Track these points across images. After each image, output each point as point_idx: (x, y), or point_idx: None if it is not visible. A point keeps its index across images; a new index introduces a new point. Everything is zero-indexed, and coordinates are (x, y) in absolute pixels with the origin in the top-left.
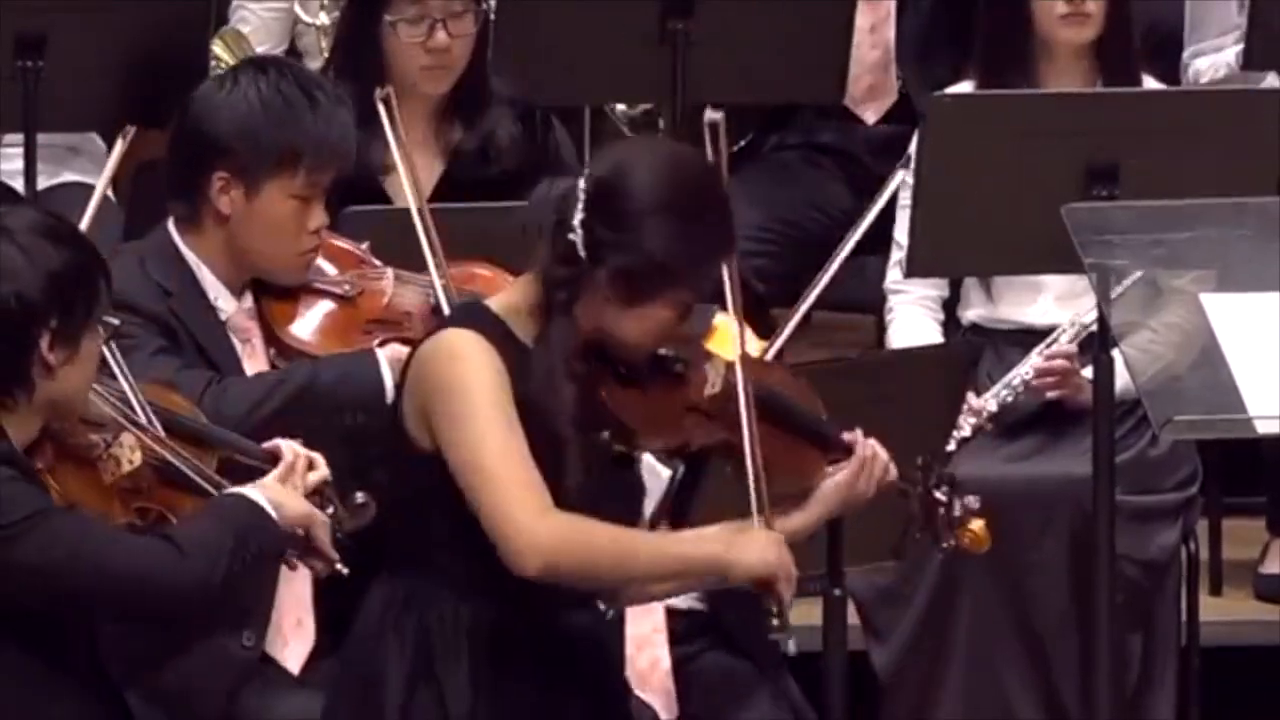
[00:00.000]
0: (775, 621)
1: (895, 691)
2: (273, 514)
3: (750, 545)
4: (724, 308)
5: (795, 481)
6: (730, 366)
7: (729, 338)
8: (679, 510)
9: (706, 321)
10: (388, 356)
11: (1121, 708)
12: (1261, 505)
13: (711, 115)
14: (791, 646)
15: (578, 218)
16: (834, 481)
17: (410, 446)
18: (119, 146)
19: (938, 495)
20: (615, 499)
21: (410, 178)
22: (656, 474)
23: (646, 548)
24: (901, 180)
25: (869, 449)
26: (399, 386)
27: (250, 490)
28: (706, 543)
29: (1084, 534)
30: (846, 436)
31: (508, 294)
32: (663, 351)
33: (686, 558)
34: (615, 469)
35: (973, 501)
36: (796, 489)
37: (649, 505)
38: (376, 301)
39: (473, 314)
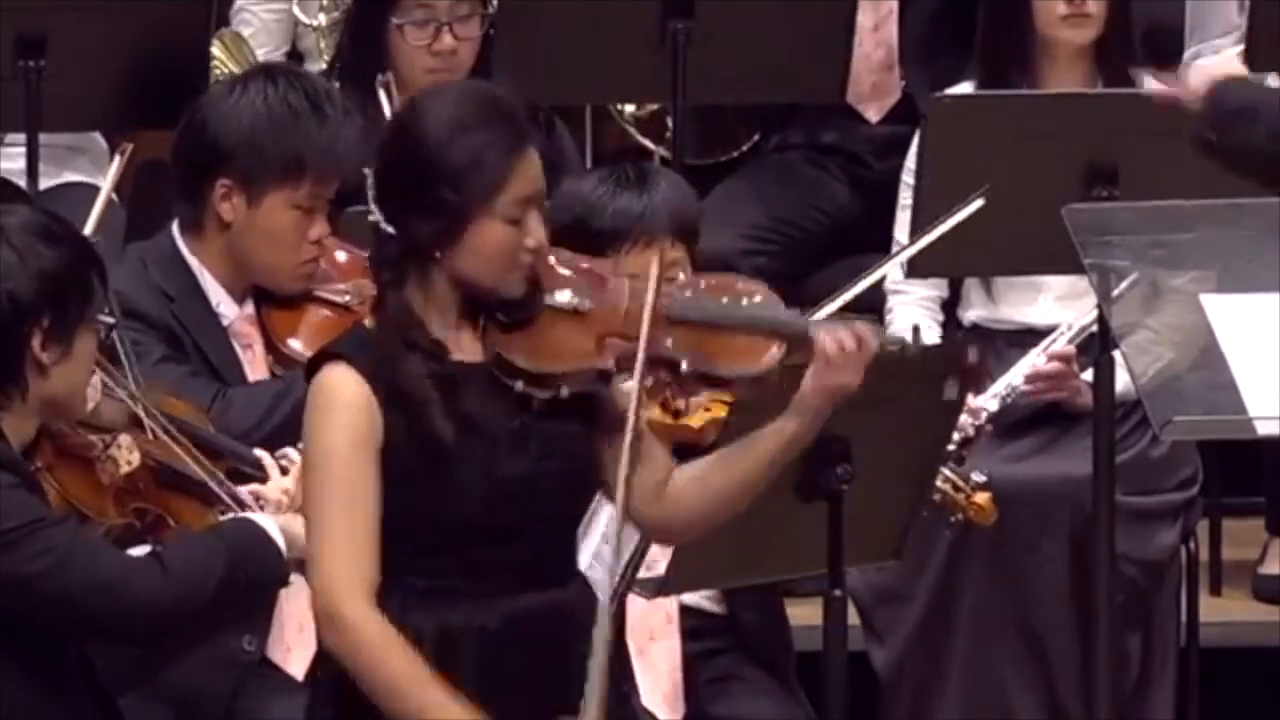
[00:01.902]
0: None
1: (895, 691)
2: (279, 542)
3: None
4: None
5: (747, 366)
6: (641, 283)
7: None
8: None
9: None
10: None
11: (1121, 707)
12: (1261, 506)
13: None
14: None
15: (371, 198)
16: (808, 381)
17: None
18: (117, 162)
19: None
20: (541, 456)
21: None
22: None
23: (412, 703)
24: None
25: (832, 339)
26: None
27: (260, 516)
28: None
29: (1084, 534)
30: (813, 330)
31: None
32: (556, 295)
33: None
34: (550, 422)
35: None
36: (753, 377)
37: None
38: None
39: (348, 339)
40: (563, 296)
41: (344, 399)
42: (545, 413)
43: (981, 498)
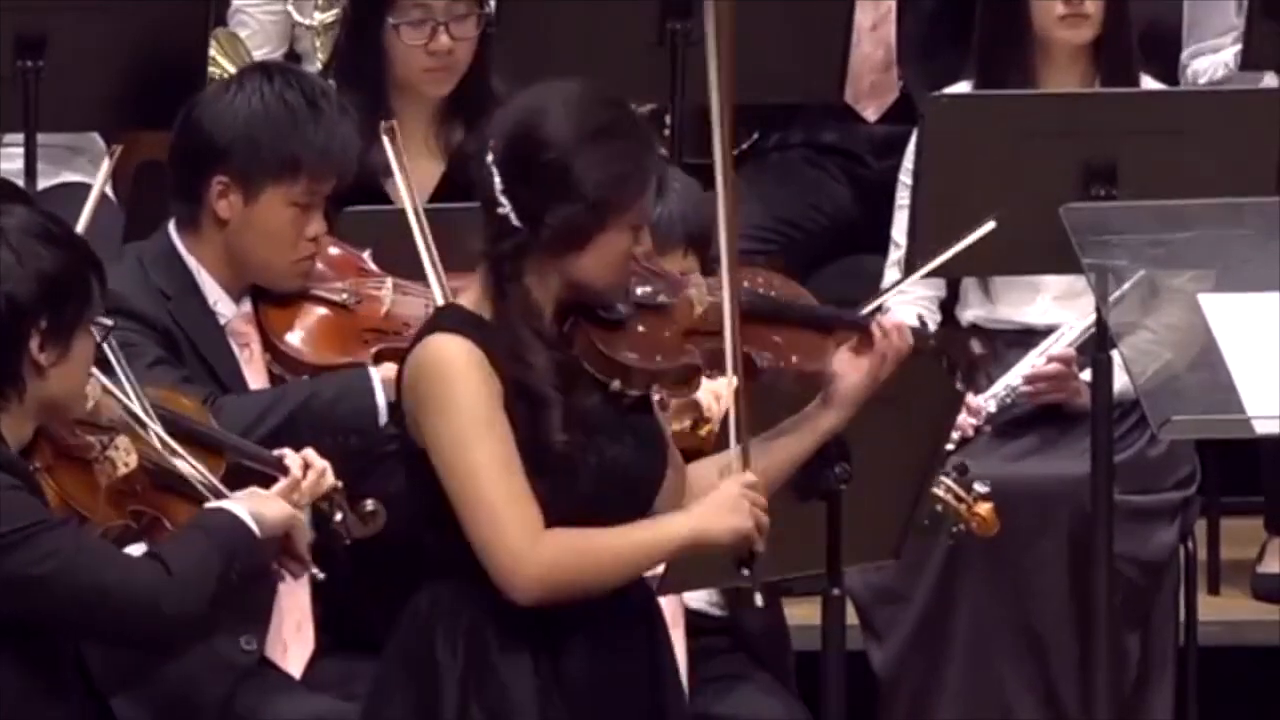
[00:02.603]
0: (745, 572)
1: (894, 691)
2: (255, 529)
3: (719, 512)
4: None
5: (809, 368)
6: (710, 283)
7: None
8: None
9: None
10: (382, 377)
11: (1119, 707)
12: (1259, 505)
13: None
14: (758, 599)
15: (498, 188)
16: (855, 380)
17: (420, 453)
18: (106, 164)
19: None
20: (638, 447)
21: (414, 208)
22: None
23: (630, 546)
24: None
25: (882, 337)
26: (398, 396)
27: (233, 505)
28: (679, 521)
29: (1083, 533)
30: (848, 318)
31: (472, 290)
32: (641, 291)
33: (667, 542)
34: (636, 415)
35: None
36: (813, 379)
37: None
38: (375, 311)
39: (451, 316)
40: (645, 290)
41: (463, 365)
42: (631, 408)
43: (984, 508)
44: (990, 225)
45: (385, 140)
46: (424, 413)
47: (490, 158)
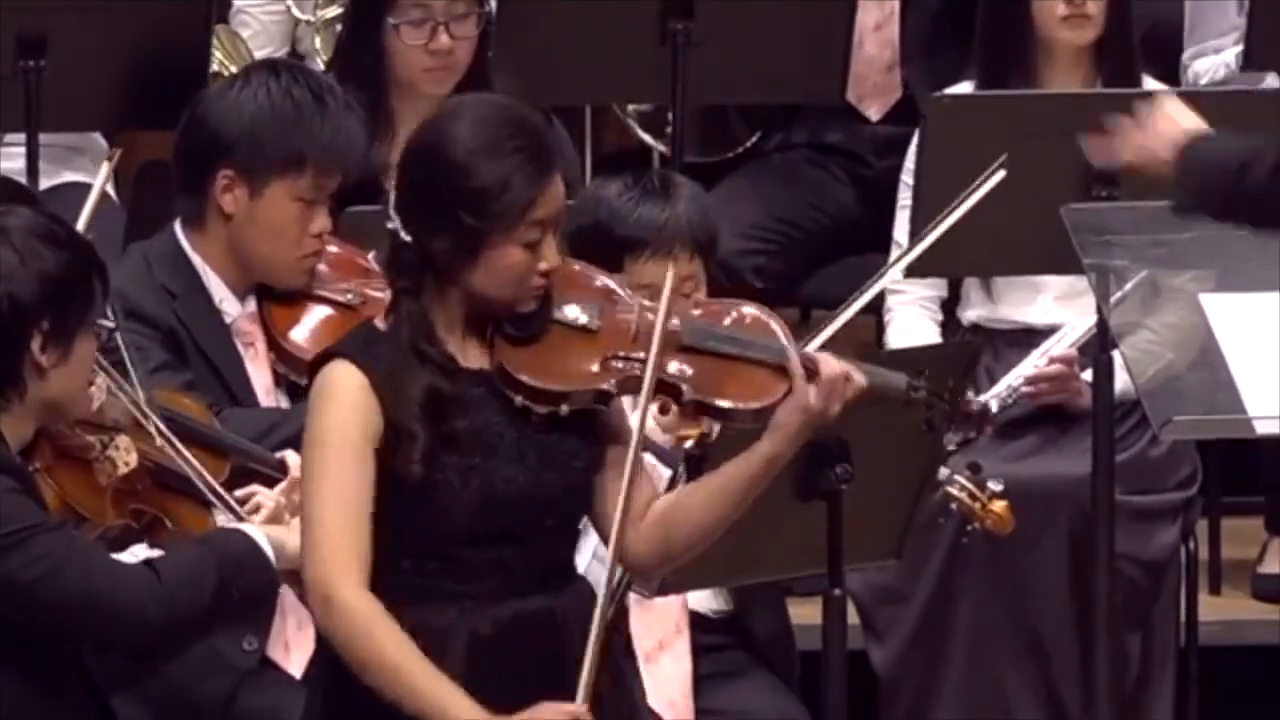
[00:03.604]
0: None
1: (894, 691)
2: (269, 554)
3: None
4: None
5: (749, 401)
6: (652, 307)
7: None
8: None
9: None
10: None
11: (1120, 707)
12: (1260, 505)
13: None
14: None
15: (392, 203)
16: (785, 406)
17: None
18: (105, 168)
19: (943, 395)
20: (539, 467)
21: None
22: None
23: (408, 682)
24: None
25: (810, 368)
26: None
27: (251, 527)
28: (461, 711)
29: (1083, 533)
30: (789, 354)
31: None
32: (566, 310)
33: (432, 706)
34: (549, 434)
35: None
36: (754, 411)
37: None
38: (378, 311)
39: (355, 338)
40: (572, 312)
41: (342, 394)
42: (544, 426)
43: (999, 506)
44: (1001, 174)
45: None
46: (304, 432)
47: (391, 177)
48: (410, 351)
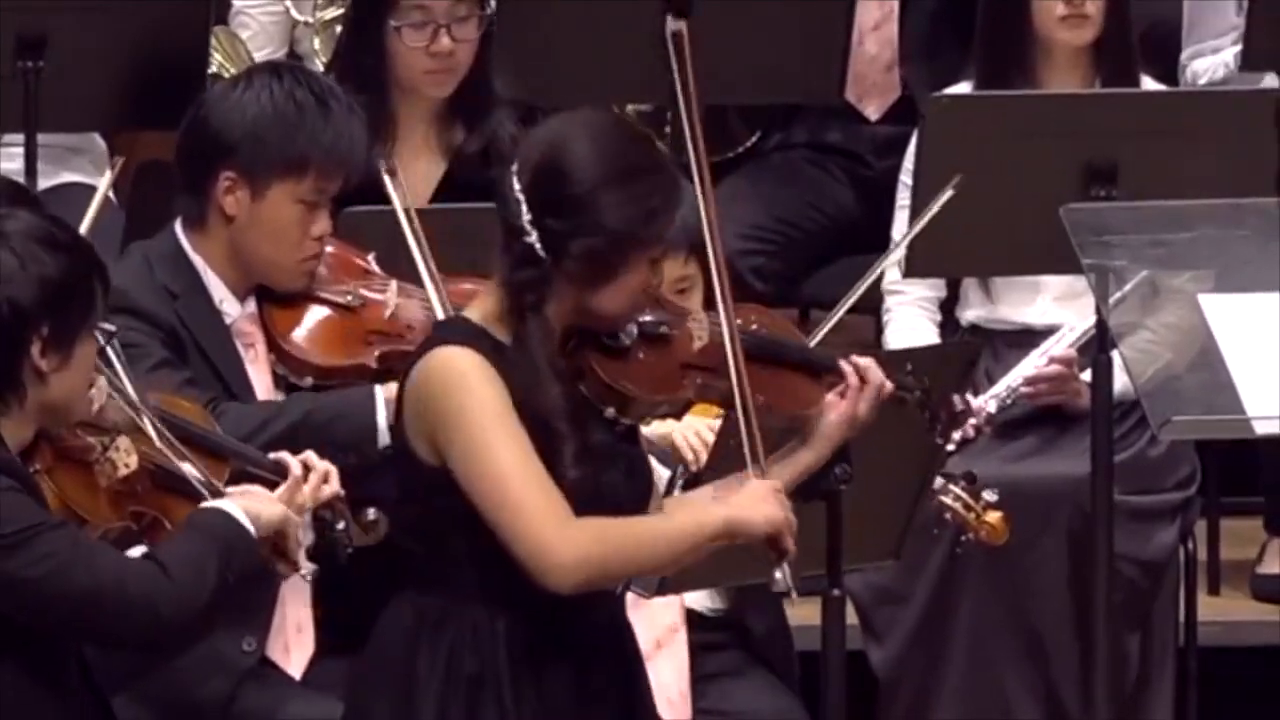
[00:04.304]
0: (778, 575)
1: (893, 691)
2: (250, 529)
3: (753, 503)
4: None
5: (798, 411)
6: (711, 317)
7: None
8: None
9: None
10: (387, 396)
11: (1119, 707)
12: (1259, 505)
13: (673, 25)
14: (794, 595)
15: (525, 218)
16: (832, 418)
17: (418, 466)
18: (108, 175)
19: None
20: (627, 476)
21: (419, 247)
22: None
23: (664, 533)
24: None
25: (860, 374)
26: (398, 406)
27: (228, 504)
28: (713, 510)
29: (1083, 534)
30: (843, 363)
31: (482, 303)
32: (644, 318)
33: (700, 530)
34: (626, 444)
35: (990, 495)
36: (801, 422)
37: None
38: (379, 313)
39: (459, 328)
40: (650, 319)
41: (474, 374)
42: (624, 436)
43: (993, 517)
44: (949, 193)
45: (387, 180)
46: (440, 427)
47: (516, 185)
48: (545, 361)
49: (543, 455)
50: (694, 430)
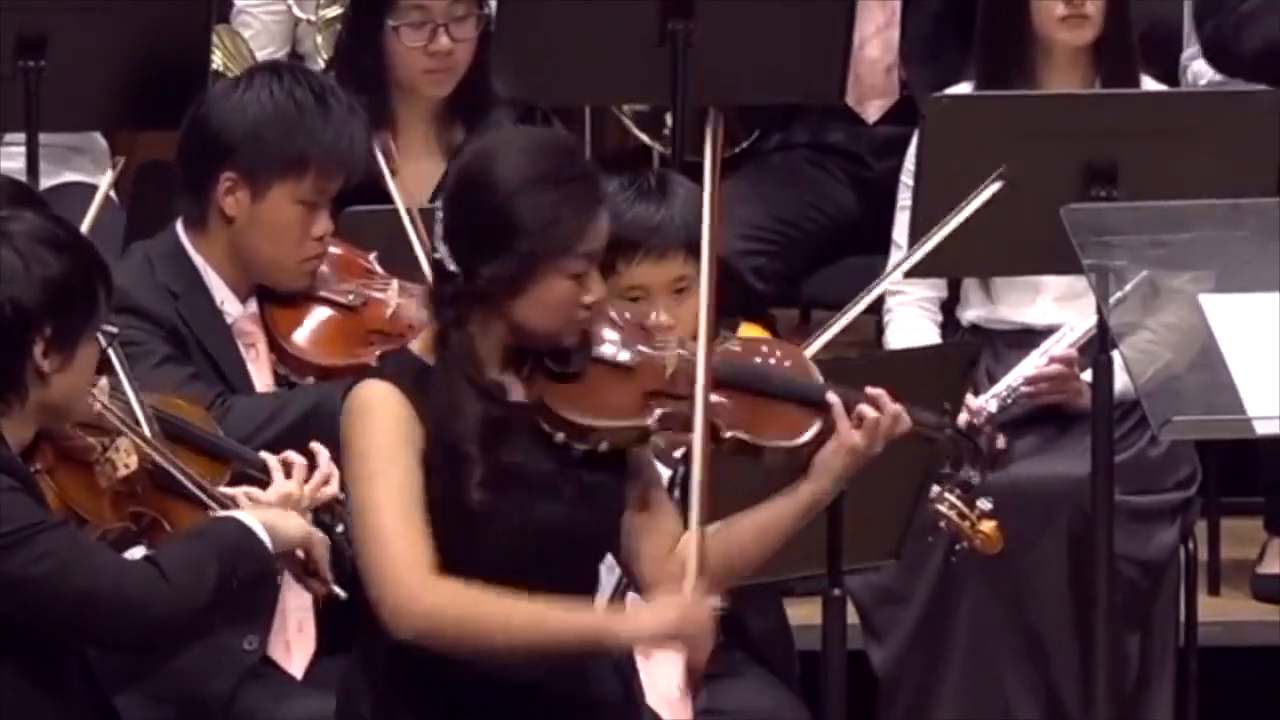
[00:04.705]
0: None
1: (894, 691)
2: (265, 539)
3: (644, 613)
4: (744, 318)
5: (784, 438)
6: (689, 345)
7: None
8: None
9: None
10: None
11: (1119, 707)
12: (1260, 506)
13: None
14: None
15: (438, 234)
16: (830, 447)
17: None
18: (109, 175)
19: (967, 433)
20: (577, 505)
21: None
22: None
23: (523, 620)
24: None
25: (861, 406)
26: None
27: (244, 514)
28: (591, 617)
29: (1083, 534)
30: (830, 397)
31: (425, 332)
32: (603, 349)
33: (565, 631)
34: (589, 470)
35: (985, 504)
36: (790, 449)
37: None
38: (380, 312)
39: (392, 360)
40: (609, 349)
41: (382, 409)
42: (581, 462)
43: (987, 526)
44: (996, 185)
45: (378, 151)
46: (343, 453)
47: (438, 202)
48: (463, 380)
49: (452, 482)
50: None
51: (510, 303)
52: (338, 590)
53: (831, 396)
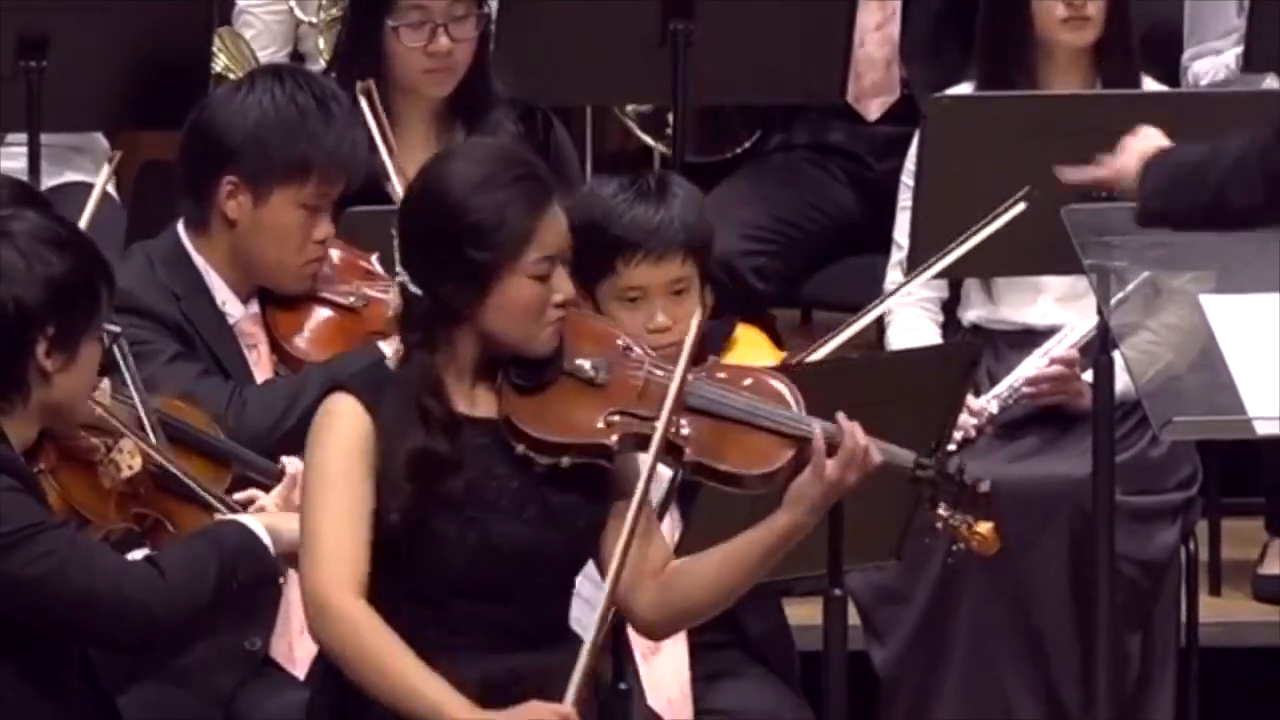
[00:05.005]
0: None
1: (895, 691)
2: (267, 541)
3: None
4: (743, 318)
5: (753, 467)
6: (665, 367)
7: (749, 348)
8: (684, 511)
9: (725, 336)
10: (391, 350)
11: (1120, 707)
12: (1260, 506)
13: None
14: None
15: (397, 258)
16: (803, 476)
17: None
18: (105, 170)
19: (951, 476)
20: (540, 524)
21: (396, 167)
22: None
23: (396, 681)
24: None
25: (828, 436)
26: None
27: (247, 517)
28: (453, 708)
29: (1084, 534)
30: (808, 424)
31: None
32: (577, 362)
33: (425, 710)
34: (552, 486)
35: (984, 484)
36: (760, 477)
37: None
38: (381, 313)
39: (364, 370)
40: (582, 364)
41: (344, 428)
42: (547, 479)
43: (984, 527)
44: (1020, 206)
45: (362, 100)
46: (305, 453)
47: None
48: (413, 406)
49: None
50: None
51: (476, 313)
52: None
53: (805, 426)
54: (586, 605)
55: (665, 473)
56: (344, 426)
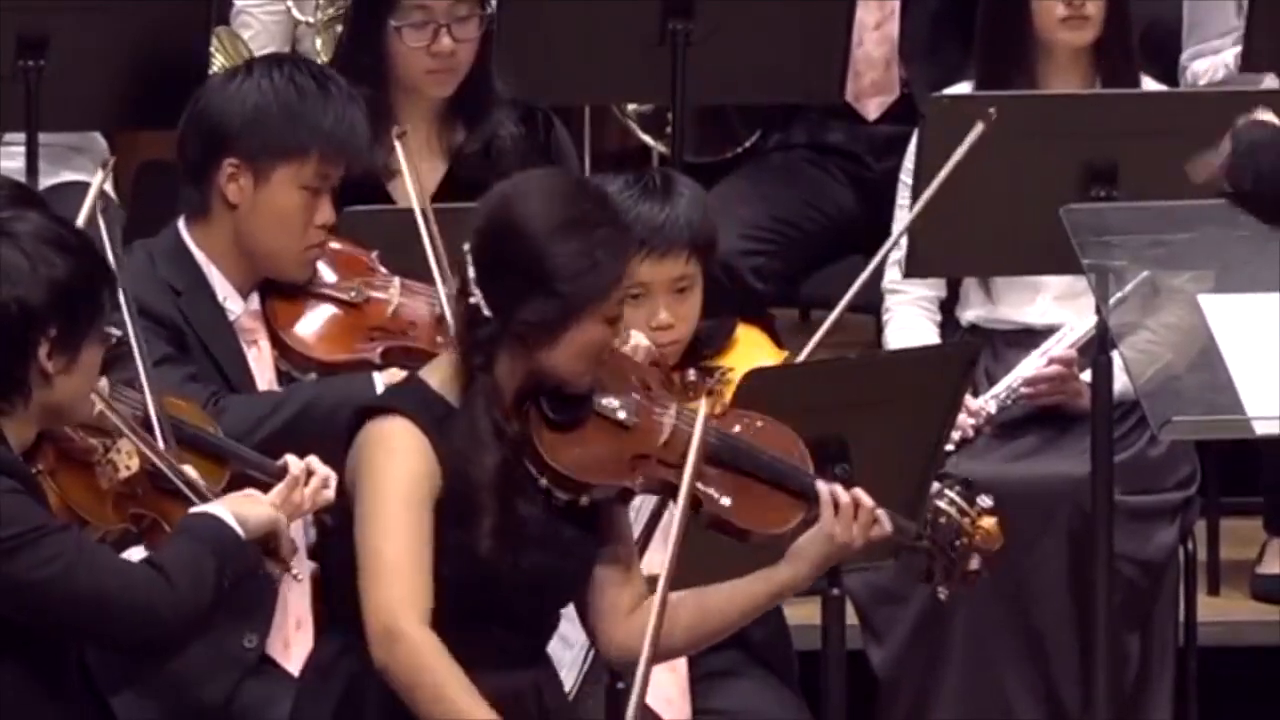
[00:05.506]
0: None
1: (893, 691)
2: (239, 530)
3: None
4: (743, 318)
5: (768, 527)
6: (686, 413)
7: (750, 348)
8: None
9: (726, 335)
10: (386, 382)
11: (1119, 707)
12: (1259, 506)
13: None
14: None
15: (471, 277)
16: (810, 535)
17: (348, 507)
18: (100, 175)
19: (946, 551)
20: (559, 557)
21: (427, 225)
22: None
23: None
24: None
25: (843, 497)
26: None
27: (217, 508)
28: None
29: (1083, 534)
30: (821, 485)
31: (441, 365)
32: (606, 402)
33: None
34: (566, 522)
35: (985, 500)
36: (772, 536)
37: None
38: (381, 309)
39: (409, 395)
40: (611, 404)
41: (404, 448)
42: (564, 512)
43: (988, 522)
44: (979, 128)
45: (397, 145)
46: (355, 488)
47: (467, 244)
48: (489, 426)
49: (463, 525)
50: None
51: (544, 347)
52: (295, 573)
53: (820, 487)
54: (562, 645)
55: (648, 503)
56: (407, 448)
